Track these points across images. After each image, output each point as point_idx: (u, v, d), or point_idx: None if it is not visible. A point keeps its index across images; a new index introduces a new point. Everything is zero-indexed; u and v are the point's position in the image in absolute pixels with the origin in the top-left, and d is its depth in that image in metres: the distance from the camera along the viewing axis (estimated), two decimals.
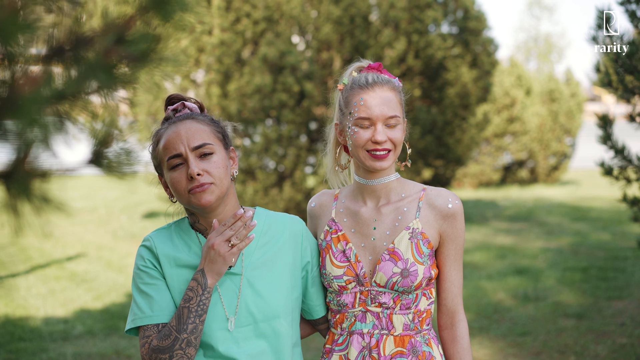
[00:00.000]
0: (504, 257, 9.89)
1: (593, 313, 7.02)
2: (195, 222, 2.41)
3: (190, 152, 2.28)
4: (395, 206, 2.47)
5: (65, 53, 0.84)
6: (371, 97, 2.40)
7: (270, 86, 10.80)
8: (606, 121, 5.04)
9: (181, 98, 2.47)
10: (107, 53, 0.85)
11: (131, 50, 0.86)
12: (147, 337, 2.28)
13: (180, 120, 2.34)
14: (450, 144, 12.09)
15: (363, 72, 2.52)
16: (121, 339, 6.58)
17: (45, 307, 7.67)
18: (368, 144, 2.38)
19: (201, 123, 2.34)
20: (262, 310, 2.33)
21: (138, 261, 2.39)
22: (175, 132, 2.30)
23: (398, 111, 2.42)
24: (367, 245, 2.47)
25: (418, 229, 2.43)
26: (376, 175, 2.46)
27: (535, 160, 19.69)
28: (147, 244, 2.40)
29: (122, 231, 12.66)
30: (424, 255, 2.42)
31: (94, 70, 0.84)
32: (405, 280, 2.39)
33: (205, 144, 2.29)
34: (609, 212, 14.09)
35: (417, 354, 2.43)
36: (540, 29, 56.78)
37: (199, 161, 2.28)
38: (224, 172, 2.31)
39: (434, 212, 2.45)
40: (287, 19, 11.15)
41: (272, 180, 11.29)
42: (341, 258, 2.46)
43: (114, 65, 0.85)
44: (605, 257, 9.70)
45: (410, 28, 11.19)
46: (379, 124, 2.38)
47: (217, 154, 2.31)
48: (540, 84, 20.48)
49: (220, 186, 2.29)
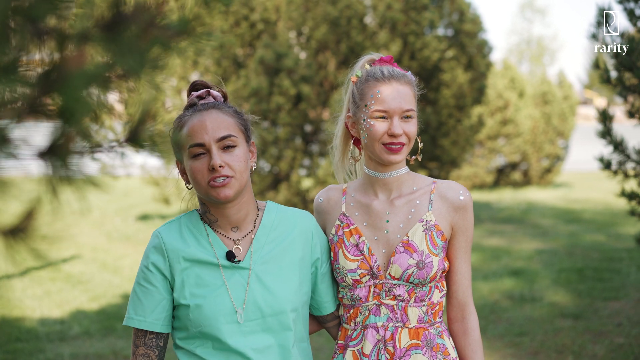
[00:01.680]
0: (499, 258, 9.91)
1: (590, 313, 7.04)
2: (206, 212, 2.40)
3: (214, 143, 2.27)
4: (407, 199, 2.48)
5: (107, 29, 0.84)
6: (388, 90, 2.39)
7: (266, 89, 10.80)
8: (606, 116, 5.07)
9: (206, 85, 2.46)
10: (144, 33, 0.85)
11: (169, 30, 0.86)
12: (135, 343, 2.36)
13: (205, 109, 2.33)
14: (445, 145, 12.11)
15: (375, 64, 2.51)
16: (118, 339, 6.56)
17: (41, 308, 7.64)
18: (384, 137, 2.38)
19: (226, 114, 2.33)
20: (269, 305, 2.33)
21: (143, 259, 2.39)
22: (200, 121, 2.29)
23: (413, 104, 2.43)
24: (381, 238, 2.47)
25: (432, 221, 2.44)
26: (388, 168, 2.46)
27: (529, 163, 19.74)
28: (156, 241, 2.38)
29: (116, 233, 12.63)
30: (438, 247, 2.42)
31: (132, 50, 0.84)
32: (421, 272, 2.39)
33: (230, 135, 2.29)
34: (602, 214, 14.13)
35: (431, 346, 2.43)
36: (533, 32, 57.00)
37: (222, 153, 2.27)
38: (245, 165, 2.31)
39: (445, 204, 2.46)
40: (285, 20, 11.16)
41: (267, 182, 11.29)
42: (354, 252, 2.46)
43: (151, 46, 0.86)
44: (600, 258, 9.73)
45: (407, 30, 11.21)
46: (396, 117, 2.38)
47: (239, 147, 2.30)
48: (533, 87, 20.54)
49: (240, 180, 2.29)
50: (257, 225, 2.42)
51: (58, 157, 0.86)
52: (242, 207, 2.37)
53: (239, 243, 2.38)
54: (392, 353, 2.41)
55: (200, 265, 2.33)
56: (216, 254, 2.34)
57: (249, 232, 2.40)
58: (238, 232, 2.40)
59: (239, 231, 2.40)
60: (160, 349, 2.36)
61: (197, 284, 2.32)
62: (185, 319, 2.32)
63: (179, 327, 2.37)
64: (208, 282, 2.32)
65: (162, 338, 2.37)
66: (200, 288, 2.32)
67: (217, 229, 2.39)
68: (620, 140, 5.13)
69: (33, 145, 0.88)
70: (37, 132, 0.91)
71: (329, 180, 10.83)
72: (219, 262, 2.34)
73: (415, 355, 2.41)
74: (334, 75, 11.19)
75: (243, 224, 2.40)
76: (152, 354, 2.34)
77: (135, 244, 11.61)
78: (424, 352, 2.42)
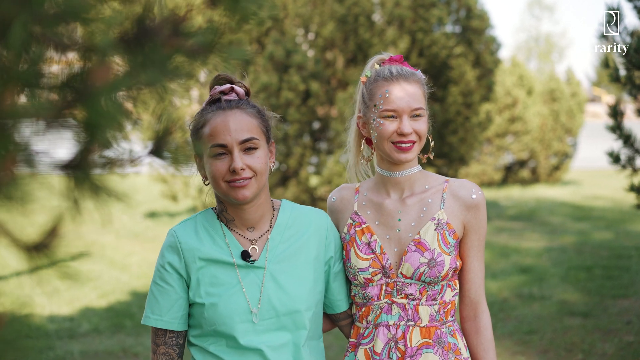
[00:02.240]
0: (508, 256, 9.89)
1: (599, 311, 7.02)
2: (223, 211, 2.40)
3: (236, 145, 2.26)
4: (419, 197, 2.48)
5: (130, 44, 0.85)
6: (396, 89, 2.41)
7: (276, 85, 10.80)
8: (616, 111, 5.05)
9: (229, 80, 2.42)
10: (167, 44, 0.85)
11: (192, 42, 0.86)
12: (156, 342, 2.37)
13: (230, 108, 2.31)
14: (453, 143, 12.09)
15: (385, 64, 2.52)
16: (127, 336, 6.58)
17: (50, 305, 7.67)
18: (394, 135, 2.39)
19: (250, 115, 2.32)
20: (284, 304, 2.34)
21: (159, 257, 2.40)
22: (223, 122, 2.28)
23: (422, 103, 2.44)
24: (392, 236, 2.47)
25: (443, 220, 2.44)
26: (400, 167, 2.47)
27: (537, 160, 19.67)
28: (171, 240, 2.38)
29: (124, 230, 12.66)
30: (450, 245, 2.43)
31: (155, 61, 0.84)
32: (432, 271, 2.40)
33: (252, 138, 2.28)
34: (611, 212, 14.08)
35: (442, 345, 2.44)
36: (541, 29, 56.80)
37: (243, 155, 2.27)
38: (265, 167, 2.31)
39: (458, 203, 2.47)
40: (293, 17, 11.15)
41: (276, 179, 11.30)
42: (366, 250, 2.47)
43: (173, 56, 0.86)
44: (609, 255, 9.70)
45: (415, 27, 11.19)
46: (405, 116, 2.39)
47: (260, 149, 2.30)
48: (542, 84, 20.47)
49: (260, 181, 2.29)
50: (273, 225, 2.42)
51: (81, 169, 0.87)
52: (258, 208, 2.37)
53: (255, 243, 2.39)
54: (403, 352, 2.42)
55: (215, 265, 2.34)
56: (232, 253, 2.35)
57: (265, 232, 2.41)
58: (254, 232, 2.40)
59: (255, 231, 2.40)
60: (180, 347, 2.38)
61: (212, 283, 2.33)
62: (200, 317, 2.34)
63: (193, 324, 2.38)
64: (223, 281, 2.33)
65: (181, 336, 2.38)
66: (215, 287, 2.33)
67: (233, 228, 2.40)
68: (629, 134, 5.12)
69: (56, 158, 0.88)
70: (60, 145, 0.91)
71: (334, 179, 10.82)
72: (234, 262, 2.34)
73: (426, 354, 2.42)
74: (342, 73, 11.18)
75: (259, 223, 2.40)
76: (172, 353, 2.36)
77: (143, 242, 11.63)
78: (435, 351, 2.43)
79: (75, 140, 0.87)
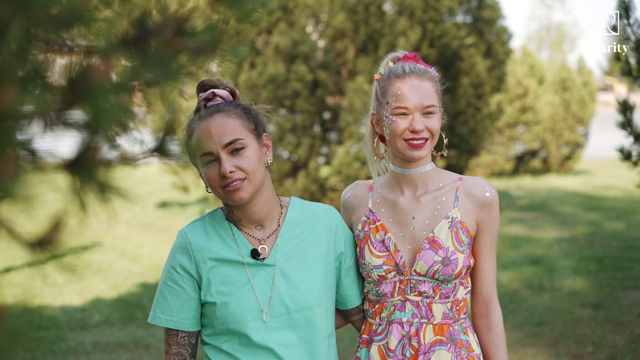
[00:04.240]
0: (519, 246, 9.87)
1: (610, 303, 7.00)
2: (230, 213, 2.41)
3: (221, 150, 2.25)
4: (433, 195, 2.49)
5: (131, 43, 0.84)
6: (408, 87, 2.41)
7: (283, 75, 10.78)
8: (626, 107, 5.01)
9: (212, 85, 2.40)
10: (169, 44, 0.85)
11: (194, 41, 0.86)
12: (168, 342, 2.39)
13: (210, 115, 2.30)
14: (464, 133, 12.05)
15: (399, 62, 2.52)
16: (139, 328, 6.61)
17: (62, 296, 7.71)
18: (406, 133, 2.40)
19: (231, 116, 2.30)
20: (295, 301, 2.34)
21: (169, 258, 2.40)
22: (205, 129, 2.28)
23: (435, 100, 2.44)
24: (406, 234, 2.48)
25: (457, 218, 2.45)
26: (413, 164, 2.48)
27: (548, 150, 19.60)
28: (181, 241, 2.38)
29: (135, 221, 12.71)
30: (463, 244, 2.44)
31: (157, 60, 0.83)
32: (446, 269, 2.41)
33: (236, 139, 2.27)
34: (623, 202, 14.01)
35: (455, 342, 2.46)
36: (552, 18, 56.45)
37: (231, 157, 2.26)
38: (257, 165, 2.30)
39: (471, 201, 2.47)
40: (302, 8, 11.12)
41: (286, 169, 11.29)
42: (380, 248, 2.48)
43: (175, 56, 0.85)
44: (621, 246, 9.65)
45: (425, 17, 11.14)
46: (417, 113, 2.40)
47: (248, 147, 2.29)
48: (553, 73, 20.36)
49: (254, 180, 2.28)
50: (282, 223, 2.43)
51: (84, 168, 0.87)
52: (262, 205, 2.37)
53: (264, 242, 2.39)
54: (416, 348, 2.44)
55: (225, 264, 2.35)
56: (241, 252, 2.36)
57: (274, 231, 2.41)
58: (262, 230, 2.41)
59: (264, 229, 2.41)
60: (192, 347, 2.40)
61: (223, 282, 2.34)
62: (212, 316, 2.35)
63: (206, 323, 2.39)
64: (234, 280, 2.34)
65: (193, 336, 2.40)
66: (226, 286, 2.33)
67: (241, 228, 2.40)
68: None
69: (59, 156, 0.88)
70: (63, 143, 0.91)
71: (344, 169, 10.80)
72: (244, 260, 2.35)
73: (439, 351, 2.44)
74: (352, 63, 11.15)
75: (266, 221, 2.41)
76: (185, 352, 2.37)
77: (154, 232, 11.68)
78: (448, 348, 2.45)
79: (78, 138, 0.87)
